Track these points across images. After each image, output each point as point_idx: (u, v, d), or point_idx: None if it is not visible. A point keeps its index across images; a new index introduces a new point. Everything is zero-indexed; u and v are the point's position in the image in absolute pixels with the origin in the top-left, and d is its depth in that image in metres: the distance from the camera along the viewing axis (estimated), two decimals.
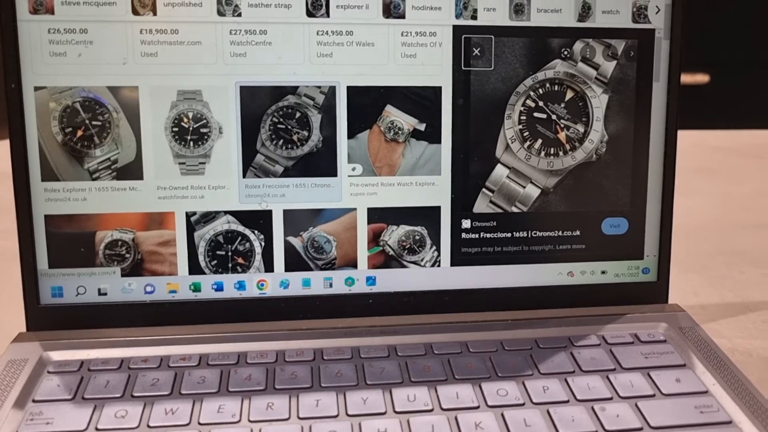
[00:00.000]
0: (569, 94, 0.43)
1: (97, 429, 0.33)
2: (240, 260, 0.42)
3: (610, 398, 0.35)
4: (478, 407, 0.34)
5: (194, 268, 0.41)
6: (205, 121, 0.40)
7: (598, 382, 0.36)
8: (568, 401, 0.35)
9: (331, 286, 0.42)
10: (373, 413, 0.34)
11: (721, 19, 2.01)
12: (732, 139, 1.19)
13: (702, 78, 2.12)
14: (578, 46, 0.43)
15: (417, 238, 0.43)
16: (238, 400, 0.35)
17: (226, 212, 0.41)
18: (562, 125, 0.43)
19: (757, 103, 2.03)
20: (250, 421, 0.33)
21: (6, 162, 0.40)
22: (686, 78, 0.43)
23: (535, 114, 0.43)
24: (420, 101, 0.42)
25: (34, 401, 0.35)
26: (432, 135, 0.42)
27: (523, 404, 0.35)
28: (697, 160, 1.01)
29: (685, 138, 0.44)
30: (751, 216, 0.75)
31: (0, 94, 0.39)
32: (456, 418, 0.33)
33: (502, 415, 0.34)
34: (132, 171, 0.40)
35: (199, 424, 0.33)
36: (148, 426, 0.33)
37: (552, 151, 0.43)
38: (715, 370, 0.38)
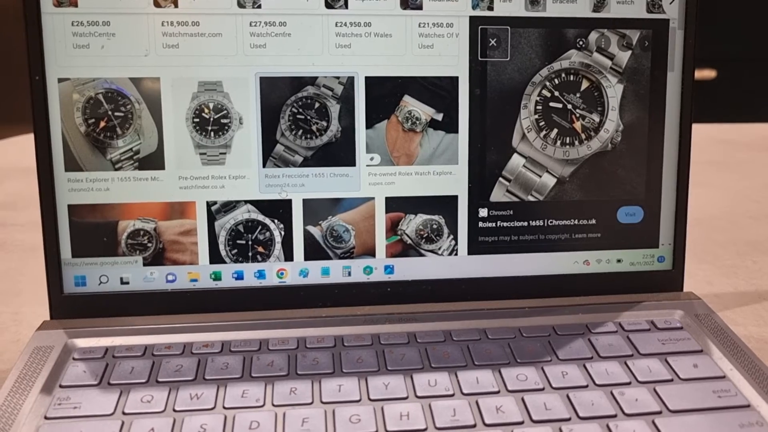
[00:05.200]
0: (585, 84, 0.43)
1: (124, 413, 0.33)
2: (260, 249, 0.42)
3: (629, 383, 0.36)
4: (498, 392, 0.35)
5: (215, 257, 0.42)
6: (225, 111, 0.41)
7: (617, 367, 0.37)
8: (587, 386, 0.35)
9: (349, 274, 0.43)
10: (395, 398, 0.34)
11: (727, 14, 2.01)
12: (740, 132, 1.20)
13: (709, 73, 2.12)
14: (593, 36, 0.43)
15: (434, 227, 0.43)
16: (261, 385, 0.35)
17: (246, 201, 0.42)
18: (578, 115, 0.44)
19: (765, 98, 2.02)
20: (273, 405, 0.34)
21: (23, 157, 0.40)
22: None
23: (551, 104, 0.43)
24: (437, 91, 0.42)
25: (61, 386, 0.35)
26: (449, 125, 0.43)
27: (543, 389, 0.35)
28: (706, 153, 1.01)
29: (694, 131, 0.44)
30: (761, 207, 0.75)
31: (24, 86, 0.39)
32: (477, 403, 0.34)
33: (523, 399, 0.34)
34: (154, 161, 0.41)
35: (224, 408, 0.34)
36: (174, 410, 0.33)
37: (568, 141, 0.44)
38: (731, 355, 0.38)
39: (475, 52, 0.42)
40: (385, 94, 0.42)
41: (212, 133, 0.41)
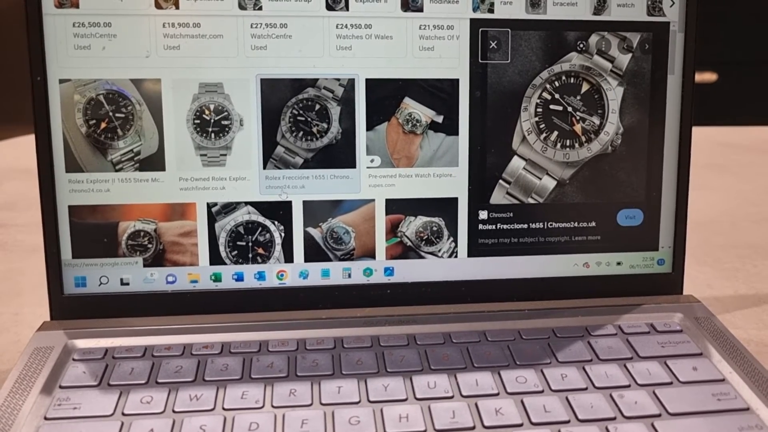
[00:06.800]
0: (585, 87, 0.43)
1: (123, 414, 0.33)
2: (260, 251, 0.42)
3: (628, 386, 0.36)
4: (497, 394, 0.35)
5: (215, 259, 0.42)
6: (226, 113, 0.41)
7: (616, 370, 0.37)
8: (586, 388, 0.35)
9: (349, 276, 0.43)
10: (395, 400, 0.34)
11: (728, 17, 2.01)
12: (741, 135, 1.20)
13: (710, 76, 2.12)
14: (594, 39, 0.43)
15: (434, 229, 0.43)
16: (261, 386, 0.35)
17: (246, 203, 0.42)
18: (578, 117, 0.44)
19: (765, 101, 2.02)
20: (273, 406, 0.34)
21: (24, 158, 0.40)
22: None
23: (551, 106, 0.43)
24: (438, 94, 0.42)
25: (61, 387, 0.35)
26: (449, 127, 0.43)
27: (542, 391, 0.35)
28: (706, 156, 1.01)
29: (694, 134, 0.44)
30: (761, 210, 0.75)
31: (25, 87, 0.39)
32: (476, 405, 0.34)
33: (522, 401, 0.34)
34: (154, 162, 0.41)
35: (224, 409, 0.34)
36: (174, 411, 0.34)
37: (568, 143, 0.44)
38: (731, 358, 0.38)
39: (476, 55, 0.42)
40: (386, 96, 0.42)
41: (213, 135, 0.41)
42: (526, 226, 0.44)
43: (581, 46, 0.43)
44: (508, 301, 0.43)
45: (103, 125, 0.40)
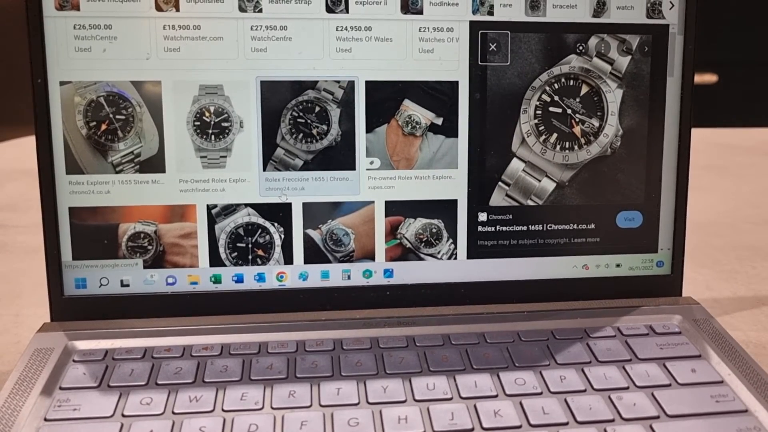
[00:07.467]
0: (584, 89, 0.44)
1: (123, 415, 0.33)
2: (260, 252, 0.42)
3: (627, 388, 0.36)
4: (496, 396, 0.35)
5: (215, 260, 0.42)
6: (226, 115, 0.41)
7: (615, 372, 0.37)
8: (585, 390, 0.35)
9: (349, 278, 0.43)
10: (394, 401, 0.34)
11: (729, 19, 2.01)
12: (740, 136, 1.20)
13: (710, 78, 2.12)
14: (593, 41, 0.43)
15: (434, 230, 0.43)
16: (260, 388, 0.35)
17: (246, 205, 0.42)
18: (577, 120, 0.44)
19: (766, 102, 2.03)
20: (272, 408, 0.34)
21: (24, 159, 0.40)
22: (695, 78, 0.44)
23: (551, 108, 0.43)
24: (437, 96, 0.42)
25: (61, 388, 0.35)
26: (449, 129, 0.43)
27: (541, 393, 0.35)
28: (706, 158, 1.01)
29: (694, 135, 0.44)
30: (761, 212, 0.75)
31: (26, 89, 0.39)
32: (475, 406, 0.34)
33: (521, 403, 0.34)
34: (154, 164, 0.41)
35: (223, 411, 0.34)
36: (173, 413, 0.34)
37: (567, 145, 0.44)
38: (730, 360, 0.38)
39: (475, 57, 0.42)
40: (386, 98, 0.42)
41: (213, 137, 0.41)
42: (525, 228, 0.44)
43: (581, 48, 0.43)
44: (507, 303, 0.43)
45: (103, 127, 0.40)
